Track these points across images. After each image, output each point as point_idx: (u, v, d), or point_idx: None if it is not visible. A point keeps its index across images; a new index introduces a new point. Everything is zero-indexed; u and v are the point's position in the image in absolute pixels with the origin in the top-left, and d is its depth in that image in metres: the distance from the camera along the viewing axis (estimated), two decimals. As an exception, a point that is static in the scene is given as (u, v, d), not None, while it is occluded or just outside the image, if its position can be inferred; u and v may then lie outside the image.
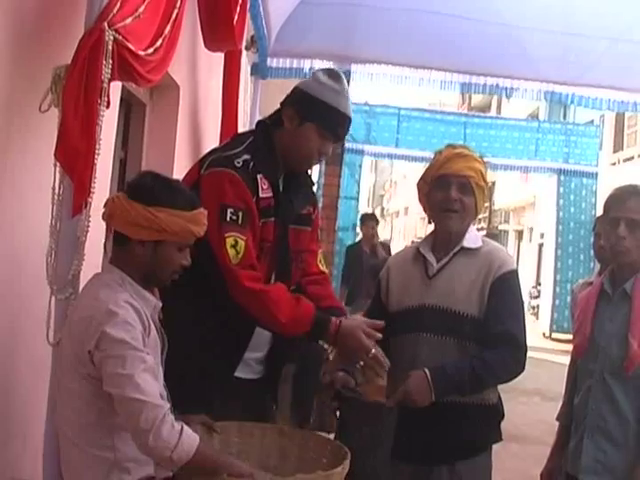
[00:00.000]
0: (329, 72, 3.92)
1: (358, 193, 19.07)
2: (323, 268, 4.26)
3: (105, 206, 3.07)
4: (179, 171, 5.71)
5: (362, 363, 3.73)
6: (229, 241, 3.56)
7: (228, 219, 3.56)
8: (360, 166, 18.98)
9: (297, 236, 4.01)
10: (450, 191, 3.88)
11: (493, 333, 3.72)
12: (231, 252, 3.58)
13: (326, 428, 4.01)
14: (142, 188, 3.09)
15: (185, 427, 2.86)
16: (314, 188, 4.37)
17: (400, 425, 3.80)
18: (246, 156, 3.75)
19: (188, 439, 2.84)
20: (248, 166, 3.72)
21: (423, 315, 3.89)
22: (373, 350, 3.65)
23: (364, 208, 47.88)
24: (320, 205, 14.25)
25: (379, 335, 3.69)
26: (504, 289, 3.77)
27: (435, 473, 3.87)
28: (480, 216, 26.73)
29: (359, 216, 15.90)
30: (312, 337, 3.78)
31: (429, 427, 3.49)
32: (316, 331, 3.70)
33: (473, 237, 3.99)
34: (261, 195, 3.74)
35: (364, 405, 3.84)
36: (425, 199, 4.06)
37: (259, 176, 3.74)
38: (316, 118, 3.82)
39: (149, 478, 3.05)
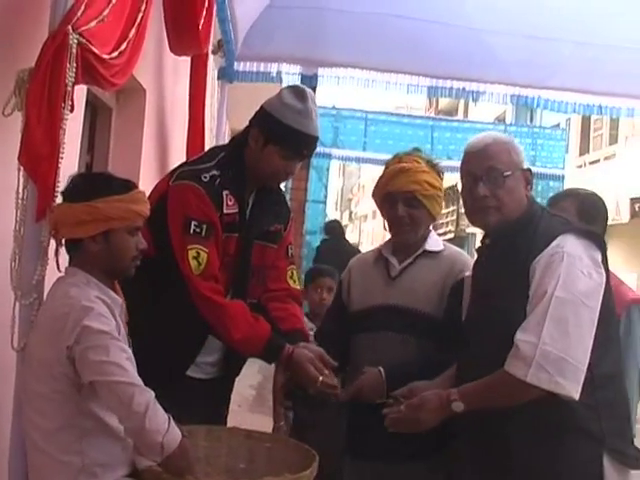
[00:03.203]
0: (294, 90, 3.93)
1: (326, 197, 19.07)
2: (294, 285, 4.27)
3: (48, 221, 3.07)
4: (145, 175, 5.69)
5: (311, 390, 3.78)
6: (191, 253, 3.60)
7: (192, 231, 3.60)
8: (328, 170, 18.97)
9: (262, 252, 4.05)
10: (397, 208, 3.94)
11: (449, 334, 3.74)
12: (193, 263, 3.63)
13: None
14: (75, 188, 3.14)
15: (171, 419, 2.93)
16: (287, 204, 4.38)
17: (352, 422, 3.85)
18: (215, 172, 3.81)
19: (175, 429, 2.91)
20: (215, 182, 3.79)
21: (385, 314, 3.96)
22: (321, 378, 3.71)
23: (332, 212, 47.98)
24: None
25: (326, 372, 3.75)
26: (462, 292, 3.78)
27: (392, 472, 3.91)
28: (447, 219, 26.91)
29: (325, 221, 15.96)
30: (264, 360, 3.88)
31: (380, 425, 3.49)
32: (268, 355, 3.81)
33: (434, 240, 4.07)
34: (225, 211, 3.81)
35: (318, 403, 3.88)
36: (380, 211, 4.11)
37: (225, 192, 3.80)
38: (279, 141, 3.86)
39: None
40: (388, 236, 4.18)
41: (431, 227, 4.15)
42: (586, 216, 4.31)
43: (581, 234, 3.23)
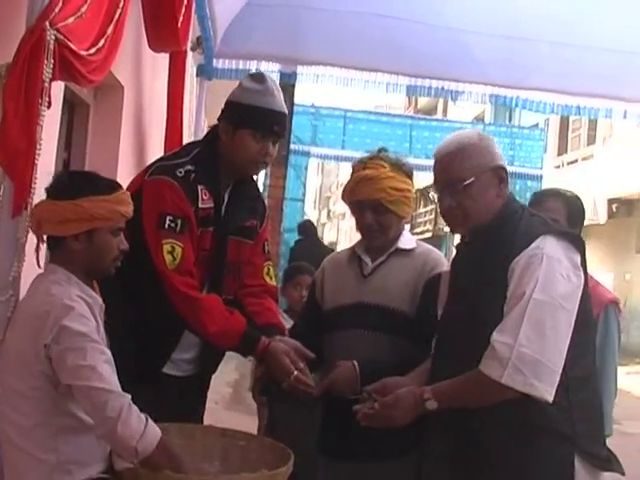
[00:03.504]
0: (252, 76, 4.00)
1: (304, 195, 19.15)
2: (271, 281, 4.28)
3: (31, 217, 3.07)
4: (123, 171, 5.67)
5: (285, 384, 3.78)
6: (166, 247, 3.59)
7: (166, 226, 3.59)
8: (306, 168, 19.02)
9: (238, 248, 4.05)
10: (364, 216, 3.97)
11: (423, 331, 3.76)
12: (168, 258, 3.63)
13: None
14: (61, 186, 3.15)
15: (149, 419, 2.94)
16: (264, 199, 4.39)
17: (325, 420, 3.86)
18: (189, 167, 3.82)
19: (153, 430, 2.93)
20: (190, 176, 3.80)
21: (358, 312, 3.98)
22: (295, 373, 3.71)
23: (310, 210, 47.96)
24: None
25: (301, 365, 3.76)
26: (435, 289, 3.79)
27: (365, 470, 3.93)
28: (425, 218, 26.96)
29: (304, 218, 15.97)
30: (240, 353, 3.88)
31: (353, 423, 3.50)
32: (244, 348, 3.80)
33: (407, 239, 4.09)
34: (200, 205, 3.82)
35: (293, 400, 3.88)
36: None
37: (200, 187, 3.81)
38: (246, 123, 3.87)
39: (94, 479, 3.04)
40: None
41: (405, 225, 4.17)
42: (574, 217, 4.33)
43: (561, 236, 3.22)
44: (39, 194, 3.13)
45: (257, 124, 3.86)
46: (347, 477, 4.00)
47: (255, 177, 4.30)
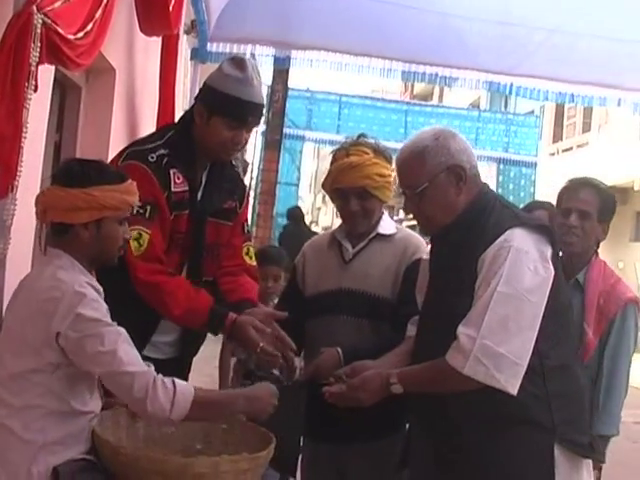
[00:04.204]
0: (234, 61, 3.90)
1: (299, 179, 19.14)
2: (250, 261, 4.27)
3: (36, 203, 3.10)
4: (115, 154, 5.65)
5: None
6: (133, 234, 3.57)
7: (135, 212, 3.56)
8: (301, 152, 19.01)
9: (217, 229, 4.05)
10: (349, 203, 3.97)
11: (403, 315, 3.79)
12: (133, 244, 3.62)
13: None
14: (72, 173, 3.13)
15: (178, 383, 3.05)
16: (245, 182, 4.37)
17: (309, 405, 3.88)
18: (162, 150, 3.82)
19: (182, 396, 3.01)
20: (162, 161, 3.79)
21: (340, 298, 3.99)
22: (261, 344, 3.69)
23: (305, 194, 47.87)
24: (258, 190, 14.24)
25: (268, 330, 3.74)
26: (416, 274, 3.79)
27: (348, 452, 3.98)
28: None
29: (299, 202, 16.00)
30: (210, 330, 3.86)
31: (334, 407, 3.52)
32: (212, 325, 3.78)
33: (387, 224, 4.08)
34: (173, 189, 3.81)
35: (276, 383, 3.89)
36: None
37: (172, 171, 3.80)
38: (221, 111, 3.84)
39: (75, 460, 3.05)
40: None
41: (384, 211, 4.16)
42: (605, 210, 4.33)
43: (531, 228, 3.21)
44: (25, 177, 3.14)
45: (232, 114, 3.84)
46: (330, 458, 4.04)
47: (236, 161, 4.28)
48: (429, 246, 3.67)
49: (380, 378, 3.35)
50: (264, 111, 4.09)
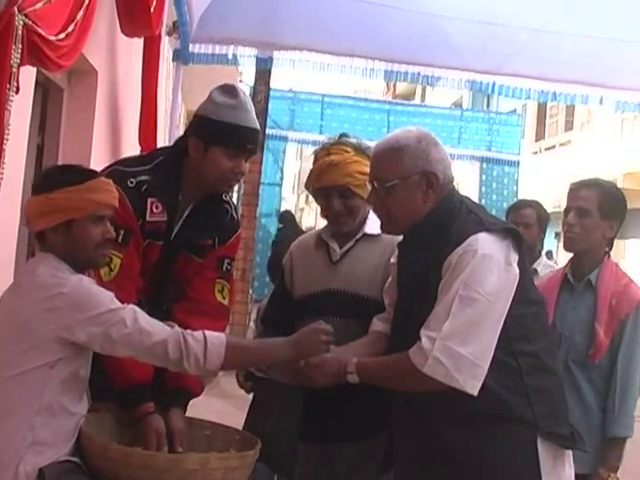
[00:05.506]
0: (223, 89, 3.77)
1: (282, 179, 19.10)
2: (222, 300, 4.03)
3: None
4: (97, 156, 5.66)
5: None
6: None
7: None
8: (284, 152, 18.96)
9: (185, 263, 3.90)
10: (332, 202, 3.93)
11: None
12: (103, 270, 3.51)
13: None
14: (39, 181, 3.24)
15: (208, 334, 3.11)
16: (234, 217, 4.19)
17: (306, 404, 3.87)
18: (144, 177, 3.67)
19: (214, 346, 3.08)
20: (141, 188, 3.65)
21: (328, 299, 3.95)
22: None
23: (289, 195, 47.91)
24: (241, 192, 14.21)
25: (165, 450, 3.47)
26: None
27: (341, 451, 3.94)
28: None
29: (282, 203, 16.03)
30: (119, 402, 3.57)
31: (330, 409, 3.51)
32: (127, 397, 3.53)
33: (374, 223, 4.02)
34: (148, 218, 3.67)
35: (273, 384, 3.88)
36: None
37: (150, 200, 3.65)
38: (219, 140, 3.69)
39: (59, 462, 3.04)
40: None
41: (371, 211, 4.14)
42: (607, 208, 4.31)
43: (495, 232, 3.19)
44: (7, 179, 3.13)
45: (230, 142, 3.70)
46: (325, 458, 4.02)
47: (227, 196, 4.11)
48: (396, 251, 3.65)
49: (338, 364, 3.33)
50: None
